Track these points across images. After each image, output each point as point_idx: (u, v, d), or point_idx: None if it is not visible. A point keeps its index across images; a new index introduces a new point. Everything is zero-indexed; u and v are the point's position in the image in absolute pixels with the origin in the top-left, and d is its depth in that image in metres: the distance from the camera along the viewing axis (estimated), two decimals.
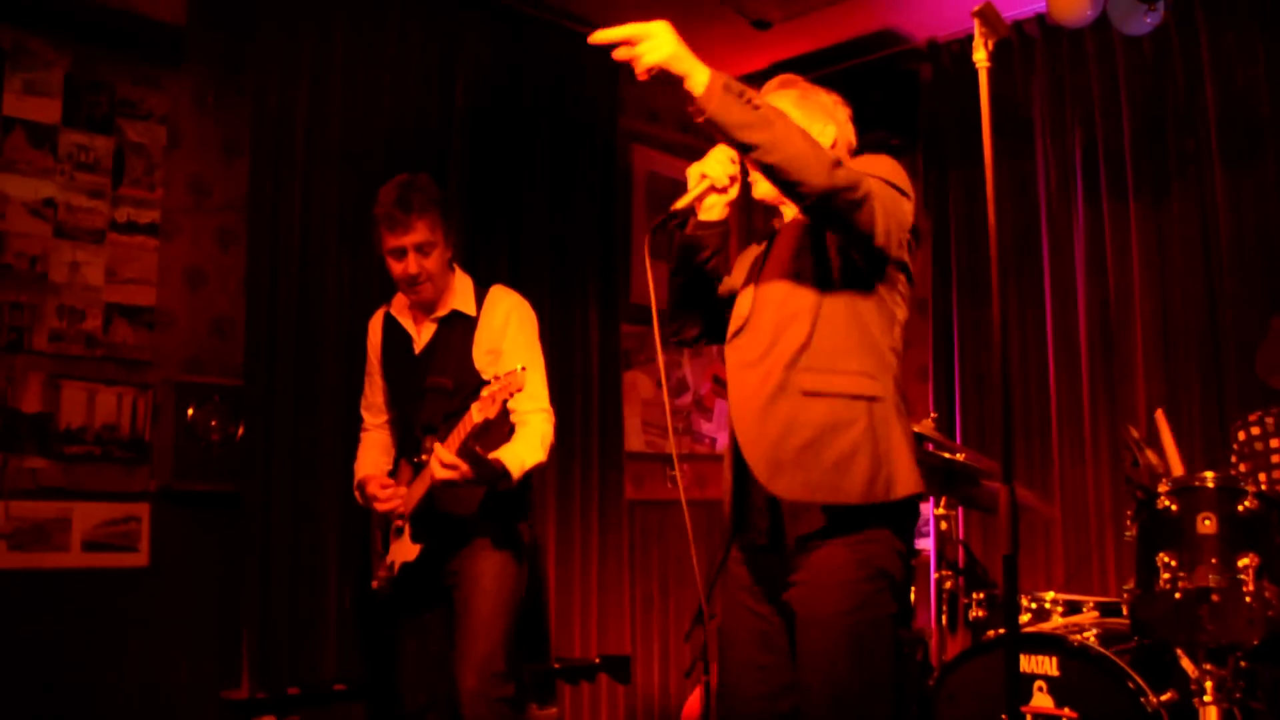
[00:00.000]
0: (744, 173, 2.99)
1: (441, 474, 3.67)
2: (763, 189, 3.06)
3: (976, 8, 2.68)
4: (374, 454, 4.25)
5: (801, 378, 2.84)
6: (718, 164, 2.97)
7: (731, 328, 3.04)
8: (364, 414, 4.32)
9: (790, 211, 3.09)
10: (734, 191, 3.03)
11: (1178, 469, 4.13)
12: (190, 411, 4.83)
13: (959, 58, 6.35)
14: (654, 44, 2.59)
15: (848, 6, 5.97)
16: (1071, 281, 5.93)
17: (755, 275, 3.07)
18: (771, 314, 2.95)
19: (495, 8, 5.84)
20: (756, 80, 2.90)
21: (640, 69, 2.61)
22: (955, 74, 6.34)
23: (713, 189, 2.98)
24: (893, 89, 6.62)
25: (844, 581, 2.79)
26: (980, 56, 2.70)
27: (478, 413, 3.60)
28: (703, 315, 3.18)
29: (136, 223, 4.79)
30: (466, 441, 3.65)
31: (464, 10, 5.73)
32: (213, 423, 4.88)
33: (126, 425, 4.71)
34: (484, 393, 3.60)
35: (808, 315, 2.88)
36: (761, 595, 3.00)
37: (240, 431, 4.89)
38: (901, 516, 2.88)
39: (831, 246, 2.92)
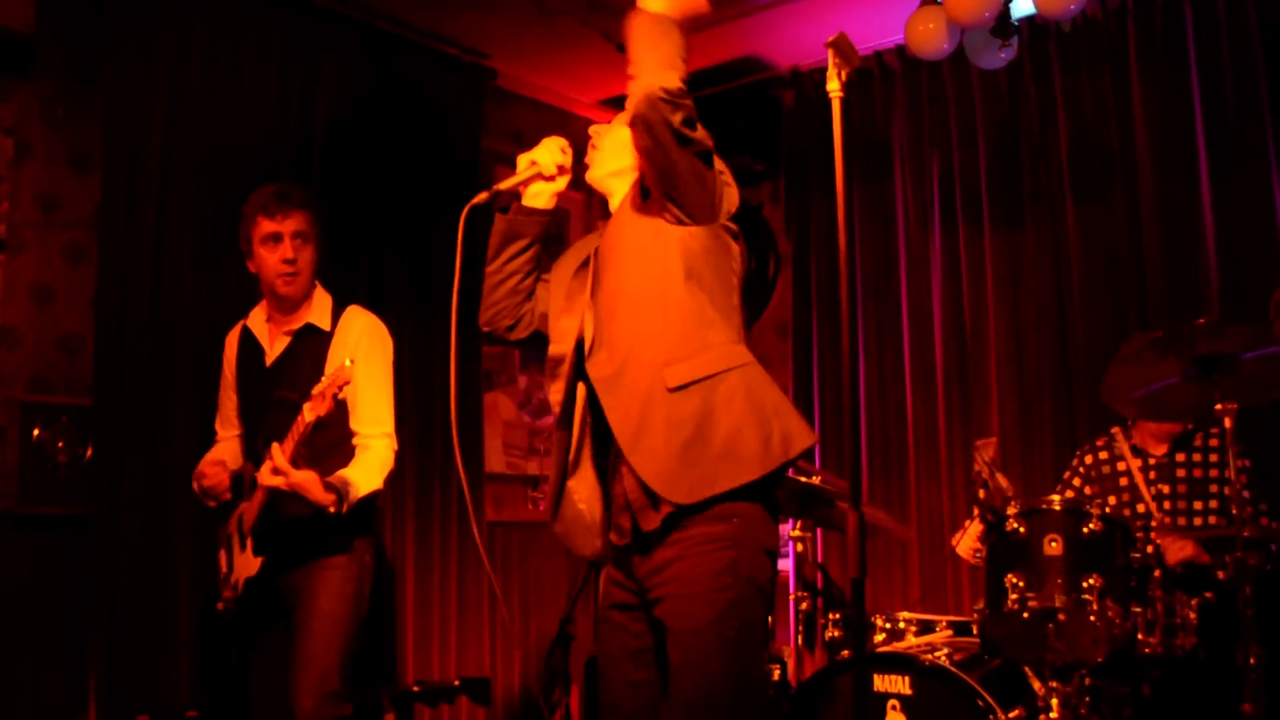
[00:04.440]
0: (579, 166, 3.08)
1: (269, 480, 3.62)
2: (595, 174, 3.11)
3: (830, 39, 2.72)
4: (219, 452, 4.15)
5: (666, 375, 2.82)
6: (547, 153, 3.07)
7: (586, 346, 3.02)
8: (217, 427, 4.24)
9: (618, 196, 3.10)
10: (561, 183, 3.12)
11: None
12: (36, 432, 4.70)
13: (821, 86, 6.41)
14: None
15: (712, 33, 6.02)
16: (929, 307, 6.05)
17: (594, 284, 3.04)
18: (620, 321, 2.93)
19: (359, 26, 5.78)
20: (619, 103, 2.93)
21: None
22: (817, 101, 6.43)
23: (539, 176, 3.07)
24: (756, 115, 6.69)
25: (709, 590, 2.77)
26: (834, 86, 2.75)
27: (309, 412, 3.55)
28: (517, 309, 3.17)
29: None
30: (299, 446, 3.60)
31: (327, 27, 5.65)
32: (60, 444, 4.75)
33: None
34: (314, 390, 3.55)
35: (657, 309, 2.88)
36: (634, 612, 2.97)
37: (89, 453, 4.76)
38: (758, 491, 2.83)
39: (661, 214, 2.91)
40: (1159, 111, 5.44)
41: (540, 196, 3.12)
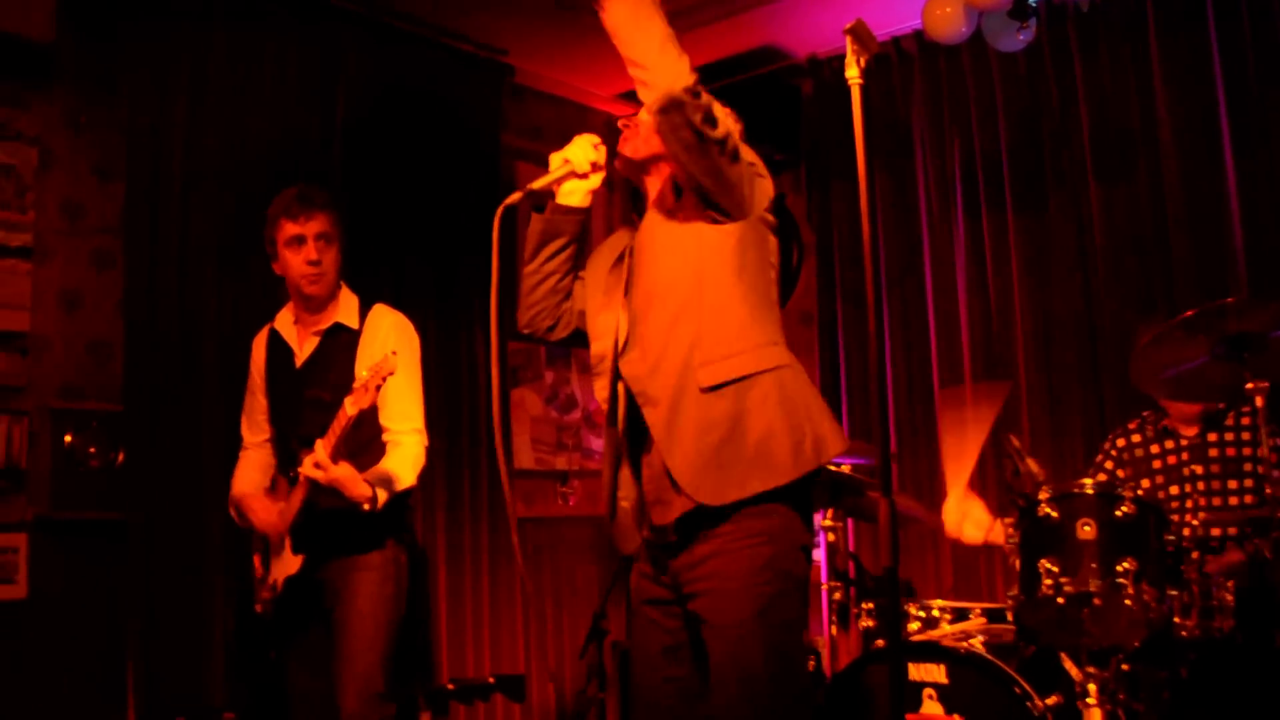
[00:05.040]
0: (609, 163, 3.04)
1: (310, 473, 3.63)
2: (630, 150, 3.07)
3: (848, 25, 2.70)
4: (251, 472, 4.17)
5: (699, 375, 2.82)
6: (580, 150, 3.03)
7: (619, 344, 3.02)
8: (244, 433, 4.24)
9: (652, 190, 3.08)
10: (596, 180, 3.08)
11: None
12: (68, 438, 4.72)
13: (839, 73, 6.39)
14: None
15: (730, 23, 6.01)
16: (953, 292, 6.03)
17: (626, 282, 3.04)
18: (653, 319, 2.92)
19: (376, 26, 5.79)
20: (636, 96, 2.91)
21: None
22: (836, 89, 6.41)
23: (573, 174, 3.04)
24: (775, 105, 6.68)
25: (749, 585, 2.77)
26: (853, 74, 2.72)
27: (351, 405, 3.56)
28: (556, 309, 3.16)
29: (7, 246, 4.67)
30: (340, 441, 3.61)
31: (344, 28, 5.67)
32: (92, 449, 4.77)
33: (1, 454, 4.59)
34: (355, 384, 3.57)
35: (691, 308, 2.87)
36: (668, 607, 2.97)
37: (120, 458, 4.79)
38: (794, 494, 2.84)
39: (695, 211, 2.90)
40: (1180, 90, 5.40)
41: (575, 194, 3.09)
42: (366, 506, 3.71)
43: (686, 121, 2.69)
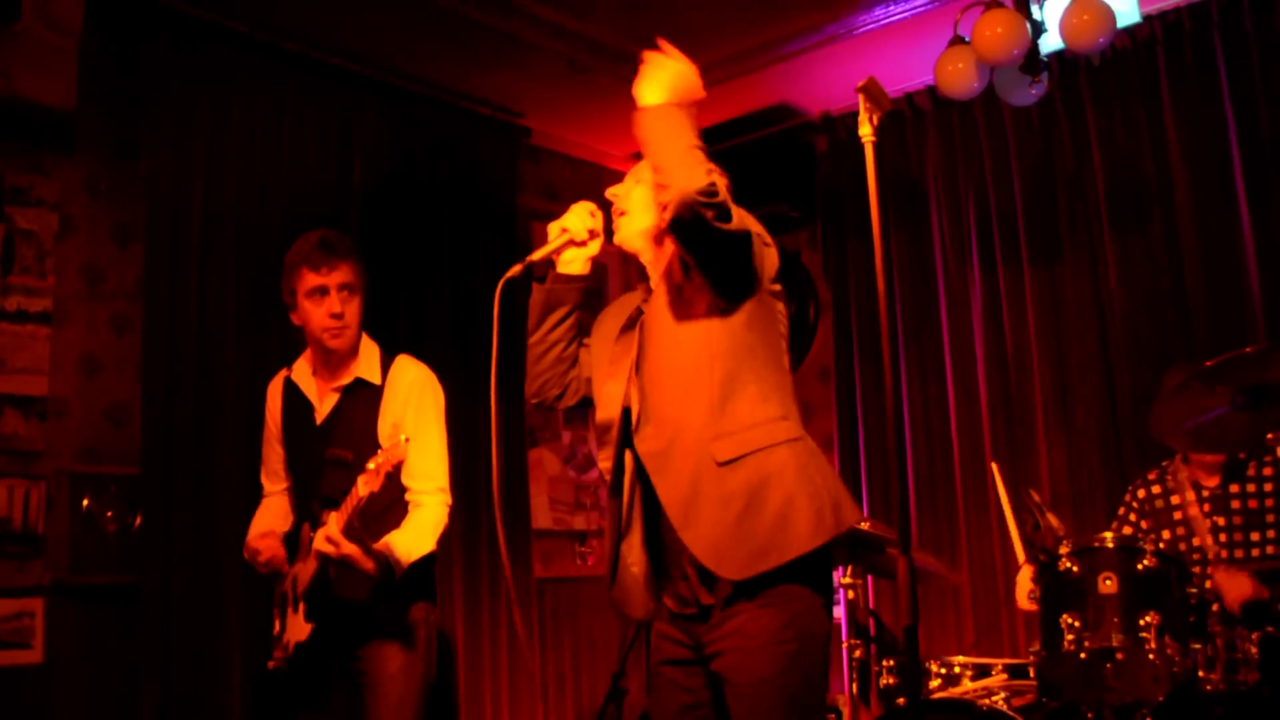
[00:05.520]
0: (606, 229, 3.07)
1: (322, 546, 3.55)
2: (623, 235, 3.09)
3: (861, 83, 2.72)
4: (268, 518, 4.07)
5: (715, 449, 2.82)
6: (577, 219, 3.06)
7: (633, 419, 2.98)
8: (263, 480, 4.15)
9: (649, 254, 3.09)
10: (594, 247, 3.11)
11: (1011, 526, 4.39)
12: (86, 502, 4.73)
13: (853, 130, 6.42)
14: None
15: (744, 81, 6.06)
16: (971, 346, 6.03)
17: (638, 357, 3.03)
18: (666, 395, 2.92)
19: (393, 89, 5.86)
20: None
21: None
22: (849, 146, 6.44)
23: (571, 243, 3.06)
24: (790, 162, 6.71)
25: (771, 644, 2.76)
26: (866, 131, 2.75)
27: (363, 486, 3.48)
28: (563, 377, 3.16)
29: (27, 311, 4.70)
30: (352, 518, 3.54)
31: (361, 91, 5.74)
32: (109, 513, 4.78)
33: (19, 518, 4.60)
34: (369, 465, 3.48)
35: (704, 383, 2.87)
36: (689, 668, 2.96)
37: (138, 521, 4.79)
38: (816, 566, 2.83)
39: (707, 285, 2.89)
40: (1194, 141, 5.41)
41: (575, 263, 3.12)
42: (373, 578, 3.63)
43: (702, 220, 2.68)
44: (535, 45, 5.65)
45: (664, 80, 2.81)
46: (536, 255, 3.07)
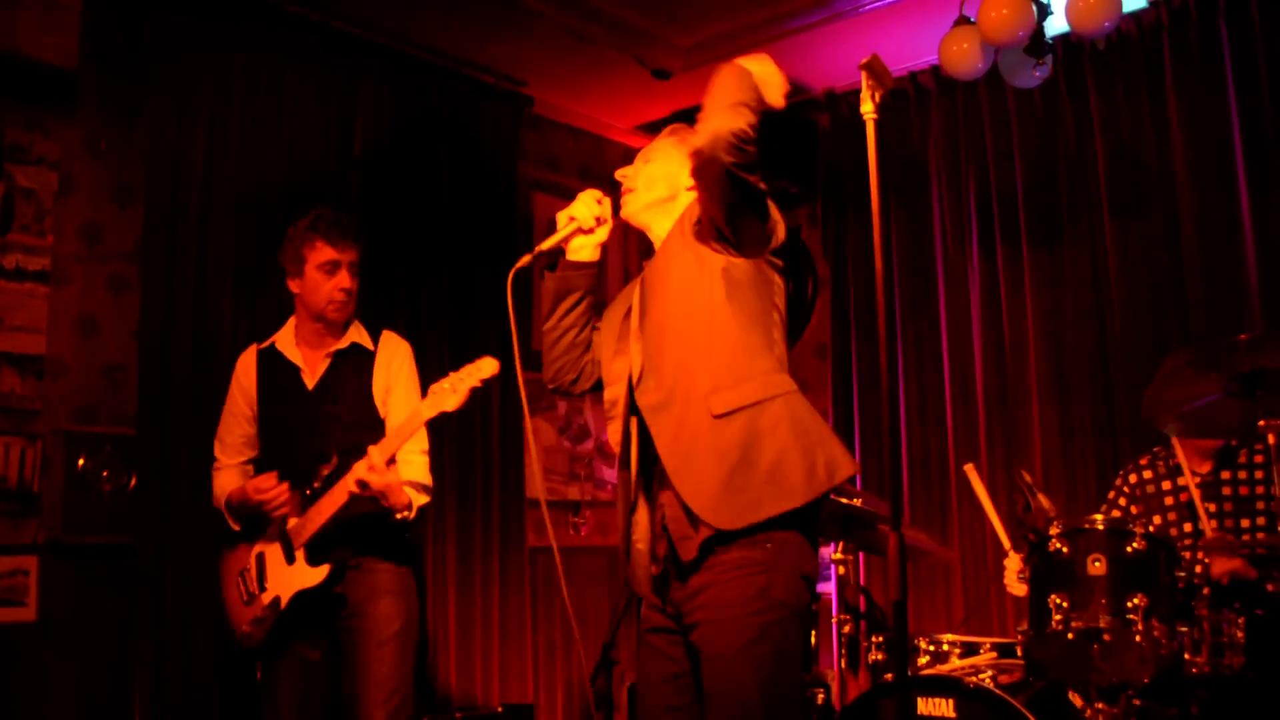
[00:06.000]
0: (615, 213, 3.12)
1: (365, 475, 3.68)
2: (630, 209, 3.17)
3: (863, 61, 2.72)
4: (231, 485, 4.10)
5: (712, 402, 2.86)
6: (584, 206, 3.12)
7: (634, 375, 3.04)
8: (218, 453, 4.17)
9: (661, 231, 3.15)
10: (602, 233, 3.16)
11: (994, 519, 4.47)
12: (81, 462, 4.74)
13: (856, 108, 6.41)
14: None
15: (747, 57, 6.03)
16: (968, 326, 6.03)
17: (640, 314, 3.08)
18: (667, 349, 2.97)
19: (396, 56, 5.83)
20: (654, 128, 2.95)
21: None
22: (852, 124, 6.43)
23: (580, 230, 3.13)
24: (793, 139, 6.69)
25: (742, 615, 2.79)
26: (868, 109, 2.75)
27: (416, 418, 3.72)
28: (578, 362, 3.24)
29: (25, 269, 4.70)
30: (394, 452, 3.74)
31: (364, 57, 5.71)
32: (104, 473, 4.79)
33: (14, 476, 4.61)
34: (445, 384, 3.71)
35: (702, 337, 2.92)
36: (672, 636, 2.99)
37: (133, 481, 4.80)
38: (805, 519, 2.86)
39: (708, 242, 2.96)
40: (1196, 127, 5.41)
41: (584, 250, 3.17)
42: (402, 515, 3.83)
43: (722, 159, 2.76)
44: (539, 14, 5.62)
45: (760, 65, 2.97)
46: (546, 245, 3.14)
